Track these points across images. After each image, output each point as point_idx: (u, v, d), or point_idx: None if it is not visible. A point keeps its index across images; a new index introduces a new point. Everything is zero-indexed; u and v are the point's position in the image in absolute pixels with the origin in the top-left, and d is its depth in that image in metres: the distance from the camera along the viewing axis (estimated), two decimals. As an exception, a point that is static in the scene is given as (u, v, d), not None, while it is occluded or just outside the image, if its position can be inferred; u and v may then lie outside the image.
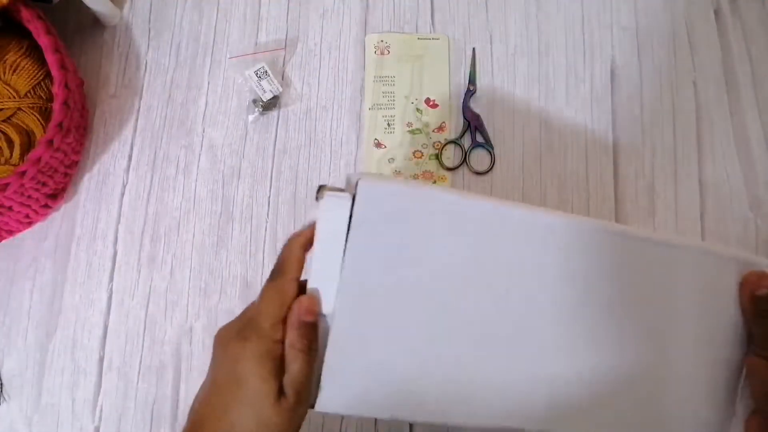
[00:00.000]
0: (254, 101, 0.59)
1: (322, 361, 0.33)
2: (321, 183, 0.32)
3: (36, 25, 0.51)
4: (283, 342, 0.32)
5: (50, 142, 0.49)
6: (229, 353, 0.32)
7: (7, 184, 0.47)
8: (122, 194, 0.57)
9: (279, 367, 0.31)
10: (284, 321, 0.32)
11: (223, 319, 0.54)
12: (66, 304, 0.55)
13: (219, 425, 0.31)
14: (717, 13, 0.63)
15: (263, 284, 0.35)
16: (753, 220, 0.57)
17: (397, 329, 0.33)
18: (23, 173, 0.48)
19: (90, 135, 0.59)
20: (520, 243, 0.33)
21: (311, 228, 0.33)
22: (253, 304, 0.34)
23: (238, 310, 0.54)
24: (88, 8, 0.58)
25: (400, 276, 0.33)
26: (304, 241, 0.34)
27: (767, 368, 0.34)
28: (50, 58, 0.51)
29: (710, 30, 0.63)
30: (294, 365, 0.31)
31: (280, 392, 0.31)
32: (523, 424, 0.33)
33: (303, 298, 0.32)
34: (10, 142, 0.51)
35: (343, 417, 0.52)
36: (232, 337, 0.32)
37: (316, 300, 0.32)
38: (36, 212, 0.54)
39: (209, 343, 0.54)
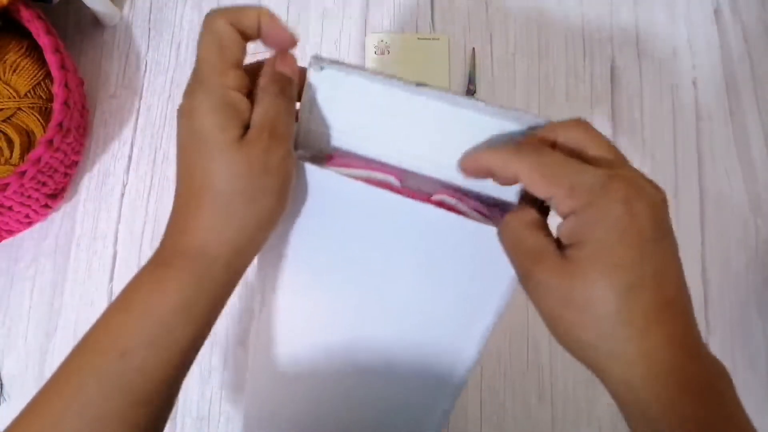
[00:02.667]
0: (254, 101, 0.59)
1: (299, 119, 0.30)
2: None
3: (36, 25, 0.51)
4: (236, 89, 0.28)
5: (50, 142, 0.49)
6: (184, 117, 0.28)
7: (7, 184, 0.47)
8: (122, 194, 0.57)
9: (238, 113, 0.27)
10: (236, 66, 0.29)
11: (223, 319, 0.54)
12: (66, 304, 0.55)
13: (191, 182, 0.28)
14: (717, 13, 0.63)
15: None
16: (753, 220, 0.57)
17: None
18: (23, 173, 0.48)
19: (90, 135, 0.59)
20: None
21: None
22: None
23: (237, 310, 0.54)
24: (88, 8, 0.58)
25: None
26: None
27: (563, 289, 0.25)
28: (50, 58, 0.51)
29: (710, 30, 0.63)
30: (260, 106, 0.28)
31: (242, 137, 0.27)
32: None
33: (284, 54, 0.30)
34: (10, 142, 0.51)
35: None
36: (182, 100, 0.28)
37: (294, 60, 0.30)
38: (36, 212, 0.54)
39: (209, 343, 0.54)
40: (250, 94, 0.29)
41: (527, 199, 0.29)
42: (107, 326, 0.28)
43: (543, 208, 0.28)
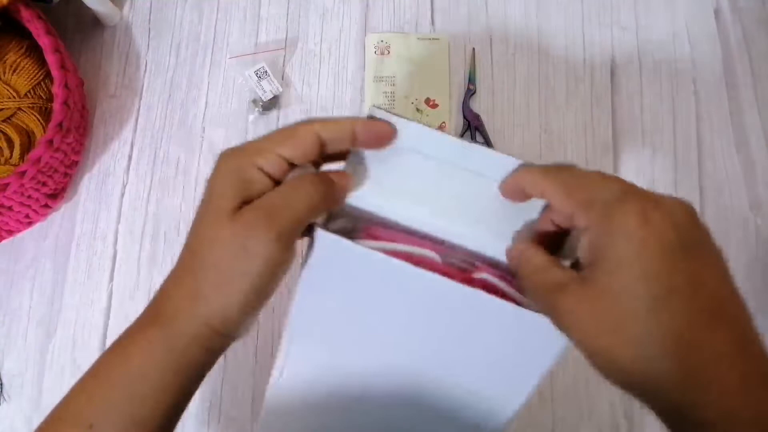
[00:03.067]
0: (254, 101, 0.59)
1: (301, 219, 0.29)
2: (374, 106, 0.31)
3: (36, 25, 0.51)
4: (267, 169, 0.27)
5: (50, 142, 0.49)
6: (211, 172, 0.28)
7: (7, 184, 0.47)
8: (122, 194, 0.57)
9: (246, 186, 0.27)
10: (281, 157, 0.28)
11: (223, 319, 0.54)
12: (66, 304, 0.55)
13: (187, 244, 0.28)
14: (717, 13, 0.63)
15: None
16: (753, 220, 0.57)
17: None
18: (23, 173, 0.48)
19: (90, 135, 0.59)
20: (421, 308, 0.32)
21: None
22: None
23: (238, 310, 0.54)
24: (88, 8, 0.58)
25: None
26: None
27: (588, 313, 0.25)
28: (50, 58, 0.51)
29: (710, 30, 0.63)
30: (275, 189, 0.27)
31: (238, 210, 0.27)
32: None
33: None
34: (10, 142, 0.51)
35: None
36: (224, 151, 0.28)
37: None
38: (36, 212, 0.54)
39: (209, 343, 0.54)
40: None
41: (538, 239, 0.29)
42: (79, 396, 0.27)
43: (554, 245, 0.29)
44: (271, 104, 0.59)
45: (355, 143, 0.29)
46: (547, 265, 0.27)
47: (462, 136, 0.59)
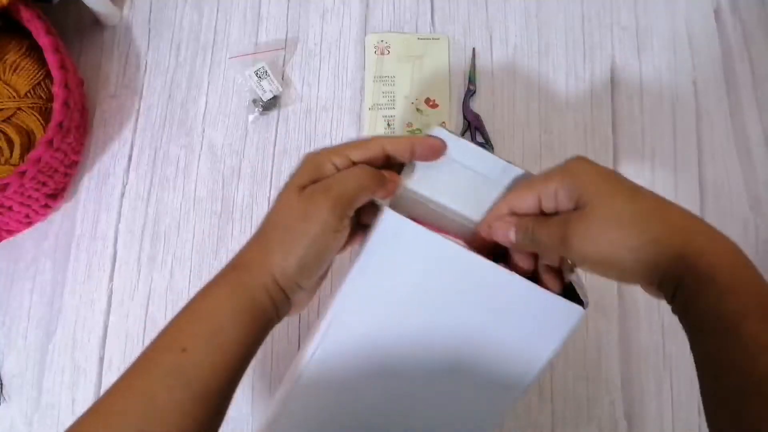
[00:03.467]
0: (254, 101, 0.59)
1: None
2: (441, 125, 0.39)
3: (36, 25, 0.51)
4: (334, 165, 0.34)
5: (50, 142, 0.49)
6: (298, 162, 0.36)
7: (7, 184, 0.47)
8: (122, 194, 0.57)
9: (316, 171, 0.34)
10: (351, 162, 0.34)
11: (223, 319, 0.54)
12: (66, 304, 0.55)
13: (268, 213, 0.35)
14: (717, 13, 0.63)
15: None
16: (753, 220, 0.58)
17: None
18: (23, 173, 0.48)
19: (90, 135, 0.59)
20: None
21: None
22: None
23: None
24: (88, 8, 0.58)
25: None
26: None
27: (591, 266, 0.33)
28: (50, 58, 0.51)
29: (710, 30, 0.63)
30: (336, 174, 0.34)
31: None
32: None
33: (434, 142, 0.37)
34: (10, 142, 0.51)
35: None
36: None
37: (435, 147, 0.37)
38: (36, 212, 0.54)
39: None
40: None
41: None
42: (172, 328, 0.32)
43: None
44: (271, 104, 0.59)
45: (413, 157, 0.36)
46: (546, 217, 0.34)
47: (462, 135, 0.59)
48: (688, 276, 0.29)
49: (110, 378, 0.53)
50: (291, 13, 0.62)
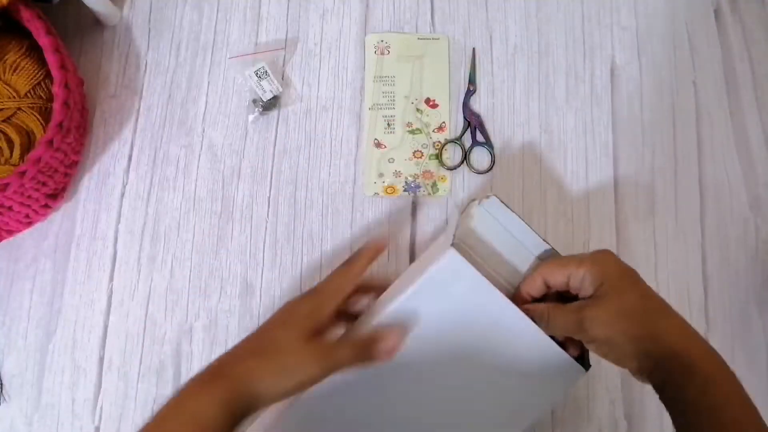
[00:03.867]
0: (254, 101, 0.59)
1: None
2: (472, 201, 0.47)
3: (36, 25, 0.51)
4: (329, 314, 0.41)
5: (50, 142, 0.49)
6: (299, 298, 0.42)
7: (7, 184, 0.47)
8: (122, 194, 0.57)
9: (318, 324, 0.40)
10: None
11: (223, 319, 0.54)
12: (66, 304, 0.55)
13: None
14: (717, 13, 0.63)
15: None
16: (753, 220, 0.58)
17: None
18: (23, 173, 0.48)
19: (90, 135, 0.59)
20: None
21: (382, 244, 0.45)
22: (321, 283, 0.43)
23: (238, 310, 0.54)
24: (88, 8, 0.58)
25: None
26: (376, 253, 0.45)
27: (597, 347, 0.39)
28: (50, 58, 0.51)
29: (710, 30, 0.63)
30: (338, 345, 0.41)
31: (312, 336, 0.39)
32: None
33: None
34: (10, 142, 0.51)
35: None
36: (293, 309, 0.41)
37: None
38: (36, 212, 0.54)
39: (209, 342, 0.54)
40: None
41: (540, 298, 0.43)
42: (156, 426, 0.35)
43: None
44: (271, 104, 0.59)
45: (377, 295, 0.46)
46: (561, 305, 0.41)
47: (462, 135, 0.59)
48: (676, 368, 0.35)
49: (110, 378, 0.53)
50: (291, 13, 0.62)
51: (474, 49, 0.61)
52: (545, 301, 0.43)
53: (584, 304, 0.39)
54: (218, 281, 0.55)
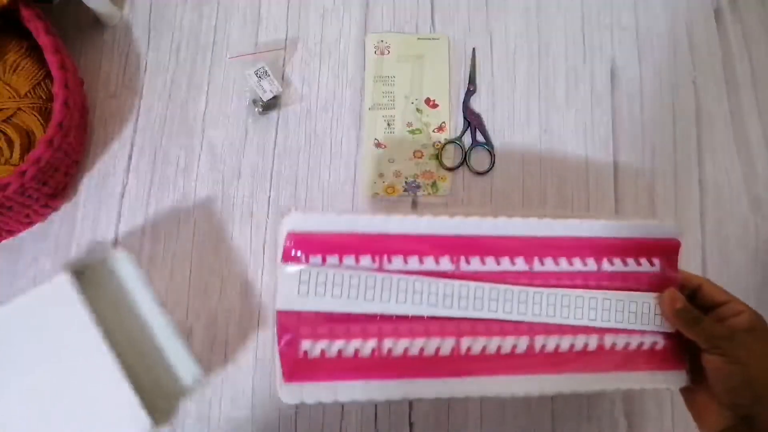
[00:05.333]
0: (254, 101, 0.59)
1: None
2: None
3: (36, 25, 0.51)
4: None
5: (50, 142, 0.49)
6: None
7: (7, 184, 0.47)
8: (122, 194, 0.57)
9: None
10: None
11: (223, 319, 0.54)
12: (66, 304, 0.55)
13: None
14: (717, 13, 0.63)
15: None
16: (753, 220, 0.58)
17: None
18: (23, 173, 0.48)
19: (90, 135, 0.59)
20: None
21: None
22: None
23: (238, 310, 0.54)
24: (88, 8, 0.58)
25: None
26: None
27: (723, 362, 0.39)
28: (50, 58, 0.51)
29: (710, 30, 0.63)
30: None
31: None
32: None
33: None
34: (10, 142, 0.51)
35: (342, 416, 0.52)
36: None
37: None
38: (36, 212, 0.54)
39: (209, 342, 0.54)
40: None
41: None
42: None
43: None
44: (271, 104, 0.59)
45: None
46: (705, 318, 0.41)
47: (462, 135, 0.59)
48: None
49: (110, 378, 0.53)
50: (291, 13, 0.62)
51: (474, 49, 0.61)
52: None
53: (736, 331, 0.40)
54: (218, 281, 0.55)
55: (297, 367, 0.40)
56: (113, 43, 0.61)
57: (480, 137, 0.59)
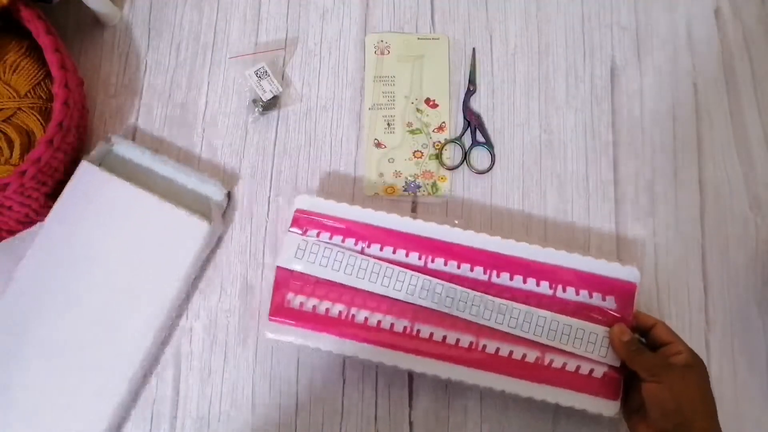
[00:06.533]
0: (254, 101, 0.59)
1: None
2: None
3: (36, 25, 0.51)
4: None
5: (50, 142, 0.49)
6: None
7: (7, 184, 0.47)
8: (122, 194, 0.57)
9: None
10: None
11: (223, 319, 0.54)
12: (66, 304, 0.55)
13: None
14: (717, 13, 0.63)
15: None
16: (753, 220, 0.58)
17: None
18: (23, 173, 0.48)
19: (90, 135, 0.59)
20: None
21: None
22: None
23: (238, 310, 0.54)
24: (88, 8, 0.58)
25: None
26: None
27: (659, 389, 0.43)
28: (50, 58, 0.51)
29: (710, 30, 0.63)
30: None
31: None
32: None
33: None
34: (10, 142, 0.51)
35: (342, 416, 0.52)
36: None
37: None
38: (36, 212, 0.54)
39: (209, 342, 0.54)
40: None
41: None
42: None
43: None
44: (271, 104, 0.59)
45: None
46: (649, 352, 0.47)
47: (462, 135, 0.59)
48: None
49: (110, 378, 0.53)
50: (291, 13, 0.62)
51: (474, 49, 0.61)
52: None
53: (672, 365, 0.44)
54: (218, 281, 0.55)
55: (280, 311, 0.50)
56: (113, 43, 0.61)
57: (480, 137, 0.59)
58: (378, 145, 0.59)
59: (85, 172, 0.53)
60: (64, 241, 0.52)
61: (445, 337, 0.49)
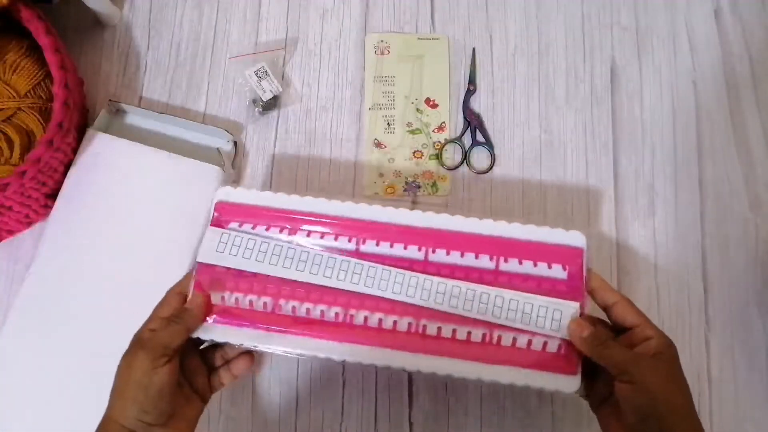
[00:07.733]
0: (254, 101, 0.59)
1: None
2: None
3: (36, 25, 0.51)
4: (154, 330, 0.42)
5: (50, 142, 0.49)
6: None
7: (7, 184, 0.47)
8: (122, 194, 0.57)
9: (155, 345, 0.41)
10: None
11: (223, 319, 0.54)
12: (66, 304, 0.55)
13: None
14: (717, 13, 0.63)
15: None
16: (753, 220, 0.58)
17: None
18: (23, 173, 0.48)
19: (90, 135, 0.59)
20: None
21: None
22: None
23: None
24: (88, 8, 0.58)
25: None
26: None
27: (632, 390, 0.38)
28: (50, 58, 0.51)
29: (710, 30, 0.63)
30: (149, 332, 0.41)
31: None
32: None
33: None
34: (10, 142, 0.51)
35: (342, 416, 0.52)
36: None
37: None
38: (36, 212, 0.54)
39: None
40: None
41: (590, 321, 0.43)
42: None
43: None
44: (271, 104, 0.59)
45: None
46: (615, 345, 0.41)
47: (462, 135, 0.59)
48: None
49: (110, 378, 0.53)
50: (291, 13, 0.62)
51: (474, 49, 0.61)
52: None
53: (640, 355, 0.39)
54: (218, 281, 0.55)
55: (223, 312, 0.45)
56: (113, 43, 0.61)
57: (480, 137, 0.59)
58: (378, 145, 0.59)
59: (93, 138, 0.55)
60: (83, 208, 0.53)
61: (381, 321, 0.44)
